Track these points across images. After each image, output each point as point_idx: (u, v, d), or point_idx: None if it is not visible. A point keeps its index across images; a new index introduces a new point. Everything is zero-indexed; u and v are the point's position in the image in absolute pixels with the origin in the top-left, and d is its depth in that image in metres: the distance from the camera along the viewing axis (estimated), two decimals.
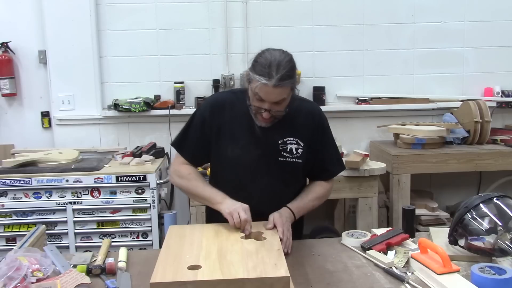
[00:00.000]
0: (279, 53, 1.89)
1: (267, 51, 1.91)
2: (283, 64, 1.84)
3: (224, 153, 2.03)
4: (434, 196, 3.80)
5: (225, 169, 2.06)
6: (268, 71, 1.82)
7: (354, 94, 3.87)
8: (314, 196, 2.10)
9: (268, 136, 2.00)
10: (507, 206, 1.81)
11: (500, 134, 3.65)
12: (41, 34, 3.68)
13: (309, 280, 1.71)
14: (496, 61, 3.89)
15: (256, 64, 1.88)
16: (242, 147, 2.00)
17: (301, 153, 2.03)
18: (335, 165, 2.16)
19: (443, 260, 1.66)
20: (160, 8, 3.71)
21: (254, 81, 1.86)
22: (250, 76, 1.89)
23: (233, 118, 2.03)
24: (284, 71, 1.83)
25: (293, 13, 3.76)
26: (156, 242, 3.19)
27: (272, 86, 1.82)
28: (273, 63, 1.84)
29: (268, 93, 1.85)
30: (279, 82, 1.82)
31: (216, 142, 2.04)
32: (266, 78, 1.82)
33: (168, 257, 1.60)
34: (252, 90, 1.89)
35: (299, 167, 2.04)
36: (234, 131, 2.02)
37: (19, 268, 1.57)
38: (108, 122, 3.75)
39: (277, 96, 1.87)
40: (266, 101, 1.88)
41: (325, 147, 2.11)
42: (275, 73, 1.82)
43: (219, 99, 2.12)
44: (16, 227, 3.15)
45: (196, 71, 3.76)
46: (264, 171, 2.01)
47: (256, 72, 1.85)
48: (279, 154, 2.01)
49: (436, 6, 3.82)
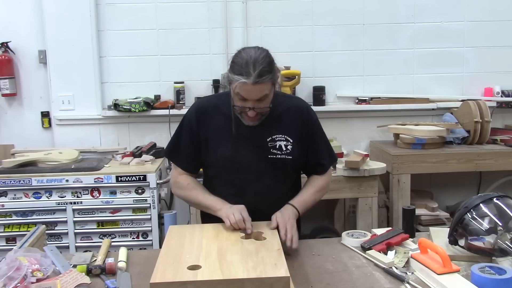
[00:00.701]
0: (254, 50, 1.91)
1: (243, 50, 1.93)
2: (259, 60, 1.86)
3: (214, 156, 2.04)
4: (434, 196, 3.80)
5: (217, 172, 2.08)
6: (245, 70, 1.84)
7: (354, 94, 3.87)
8: (315, 189, 2.11)
9: (256, 134, 2.01)
10: (507, 206, 1.81)
11: (500, 134, 3.65)
12: (41, 34, 3.68)
13: (309, 280, 1.71)
14: (496, 61, 3.89)
15: (234, 64, 1.90)
16: (231, 148, 2.01)
17: (291, 150, 2.04)
18: (327, 159, 2.17)
19: (443, 260, 1.66)
20: (160, 8, 3.71)
21: (234, 82, 1.88)
22: (229, 77, 1.91)
23: (219, 121, 2.04)
24: (261, 67, 1.84)
25: (293, 13, 3.76)
26: (156, 242, 3.19)
27: (251, 83, 1.84)
28: (249, 61, 1.85)
29: (248, 92, 1.87)
30: (257, 79, 1.84)
31: (205, 147, 2.06)
32: (244, 76, 1.84)
33: (168, 257, 1.60)
34: (233, 91, 1.91)
35: (289, 163, 2.05)
36: (222, 134, 2.03)
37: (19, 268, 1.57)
38: (108, 122, 3.75)
39: (258, 93, 1.88)
40: (249, 99, 1.89)
41: (316, 142, 2.12)
42: (252, 70, 1.83)
43: (203, 104, 2.13)
44: (16, 227, 3.15)
45: (196, 71, 3.76)
46: (255, 169, 2.02)
47: (234, 72, 1.87)
48: (268, 151, 2.02)
49: (436, 6, 3.82)
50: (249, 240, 1.77)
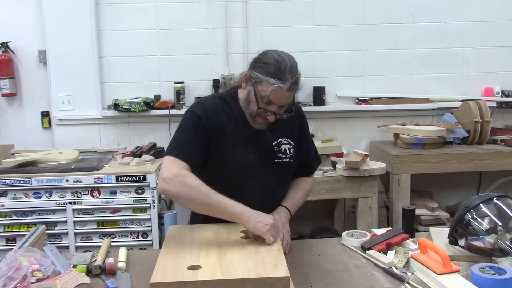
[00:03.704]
0: (287, 56, 1.86)
1: (274, 53, 1.86)
2: (294, 68, 1.84)
3: (223, 161, 1.95)
4: (434, 196, 3.80)
5: (223, 176, 1.96)
6: (283, 74, 1.80)
7: (354, 94, 3.87)
8: (303, 193, 2.12)
9: (263, 139, 1.99)
10: (507, 206, 1.81)
11: (500, 134, 3.65)
12: (41, 34, 3.68)
13: (309, 280, 1.71)
14: (496, 61, 3.89)
15: (266, 65, 1.83)
16: (240, 153, 1.96)
17: (293, 153, 2.04)
18: (315, 160, 2.19)
19: (443, 260, 1.66)
20: (160, 8, 3.71)
21: (265, 84, 1.82)
22: (259, 78, 1.83)
23: (228, 124, 1.96)
24: (297, 75, 1.84)
25: (293, 13, 3.76)
26: (156, 242, 3.19)
27: (286, 89, 1.81)
28: (286, 66, 1.81)
29: (281, 96, 1.83)
30: (293, 86, 1.82)
31: (214, 149, 1.94)
32: (282, 81, 1.80)
33: (168, 257, 1.60)
34: (259, 93, 1.85)
35: (291, 166, 2.05)
36: (231, 138, 1.96)
37: (19, 268, 1.57)
38: (108, 122, 3.75)
39: (288, 99, 1.87)
40: (276, 104, 1.86)
41: (307, 143, 2.13)
42: (289, 77, 1.81)
43: (210, 105, 1.97)
44: (16, 227, 3.15)
45: (196, 71, 3.76)
46: (261, 174, 1.99)
47: (269, 74, 1.81)
48: (275, 156, 2.01)
49: (436, 6, 3.82)
50: (249, 240, 1.77)
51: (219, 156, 1.95)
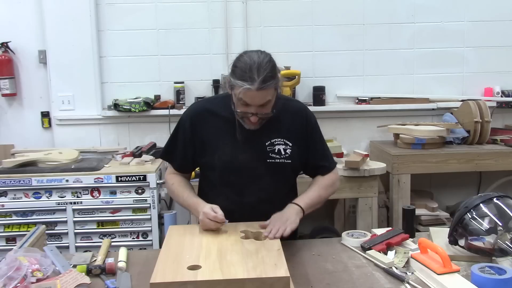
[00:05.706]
0: (257, 55, 1.85)
1: (245, 54, 1.88)
2: (263, 66, 1.81)
3: (212, 161, 2.01)
4: (434, 196, 3.80)
5: (215, 176, 2.04)
6: (249, 75, 1.80)
7: (354, 94, 3.87)
8: (319, 187, 2.08)
9: (254, 138, 1.99)
10: (507, 206, 1.81)
11: (500, 134, 3.65)
12: (41, 34, 3.68)
13: (309, 280, 1.71)
14: (496, 61, 3.89)
15: (236, 69, 1.85)
16: (229, 152, 1.99)
17: (290, 153, 2.02)
18: (329, 160, 2.15)
19: (443, 260, 1.66)
20: (160, 8, 3.71)
21: (237, 87, 1.83)
22: (231, 82, 1.86)
23: (216, 126, 2.01)
24: (266, 73, 1.80)
25: (293, 13, 3.76)
26: (156, 242, 3.19)
27: (255, 89, 1.80)
28: (253, 66, 1.81)
29: (252, 97, 1.83)
30: (262, 85, 1.80)
31: (203, 150, 2.03)
32: (248, 82, 1.79)
33: (168, 257, 1.60)
34: (235, 96, 1.87)
35: (289, 167, 2.04)
36: (219, 139, 2.01)
37: (19, 268, 1.57)
38: (108, 122, 3.75)
39: (262, 99, 1.85)
40: (252, 105, 1.86)
41: (316, 144, 2.10)
42: (256, 76, 1.79)
43: (198, 109, 2.08)
44: (16, 227, 3.15)
45: (196, 71, 3.76)
46: (254, 173, 2.00)
47: (237, 77, 1.82)
48: (267, 155, 2.00)
49: (436, 6, 3.82)
50: (249, 240, 1.77)
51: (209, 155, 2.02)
